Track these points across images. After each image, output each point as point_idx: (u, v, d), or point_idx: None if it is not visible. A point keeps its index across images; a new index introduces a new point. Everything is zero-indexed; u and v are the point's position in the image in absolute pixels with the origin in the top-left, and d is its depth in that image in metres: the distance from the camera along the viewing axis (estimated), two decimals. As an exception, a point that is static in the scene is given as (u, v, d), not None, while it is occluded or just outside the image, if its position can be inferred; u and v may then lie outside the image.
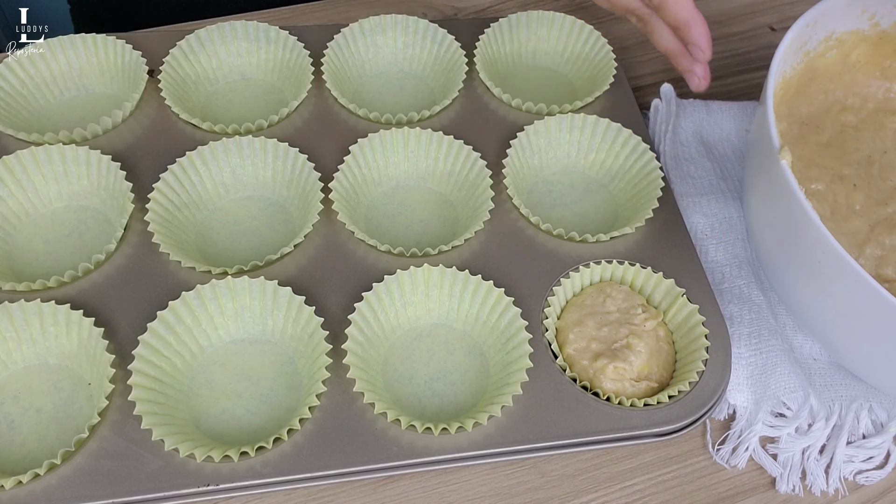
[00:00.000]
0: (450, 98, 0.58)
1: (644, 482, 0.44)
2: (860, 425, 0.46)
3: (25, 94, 0.57)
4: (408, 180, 0.56)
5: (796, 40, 0.50)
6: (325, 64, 0.59)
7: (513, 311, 0.47)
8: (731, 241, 0.53)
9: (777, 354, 0.47)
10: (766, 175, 0.45)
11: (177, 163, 0.52)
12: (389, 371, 0.46)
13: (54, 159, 0.52)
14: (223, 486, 0.41)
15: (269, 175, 0.54)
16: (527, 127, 0.55)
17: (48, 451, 0.42)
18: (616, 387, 0.45)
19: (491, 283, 0.47)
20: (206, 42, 0.60)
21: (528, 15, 0.63)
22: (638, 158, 0.55)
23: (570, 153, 0.57)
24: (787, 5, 0.73)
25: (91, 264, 0.48)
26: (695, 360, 0.46)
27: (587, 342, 0.47)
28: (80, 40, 0.58)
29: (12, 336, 0.44)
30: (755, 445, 0.45)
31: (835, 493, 0.45)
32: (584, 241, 0.51)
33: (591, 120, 0.56)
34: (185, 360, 0.45)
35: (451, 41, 0.61)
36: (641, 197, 0.54)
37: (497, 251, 0.51)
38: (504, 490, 0.43)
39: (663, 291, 0.50)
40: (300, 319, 0.46)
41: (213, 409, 0.44)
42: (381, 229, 0.53)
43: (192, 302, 0.46)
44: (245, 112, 0.59)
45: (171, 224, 0.50)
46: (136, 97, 0.56)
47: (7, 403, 0.44)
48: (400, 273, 0.47)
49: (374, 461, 0.42)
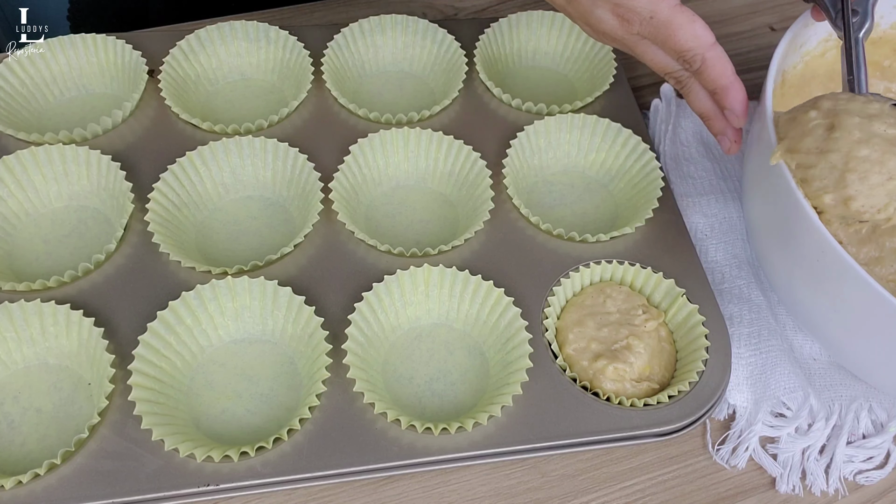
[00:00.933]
0: (450, 98, 0.58)
1: (644, 482, 0.44)
2: (860, 425, 0.46)
3: (25, 94, 0.57)
4: (408, 180, 0.56)
5: (796, 40, 0.50)
6: (325, 64, 0.59)
7: (513, 311, 0.47)
8: (731, 241, 0.53)
9: (777, 354, 0.47)
10: (765, 175, 0.45)
11: (177, 163, 0.52)
12: (389, 371, 0.46)
13: (54, 159, 0.52)
14: (223, 486, 0.41)
15: (269, 175, 0.54)
16: (527, 127, 0.55)
17: (48, 451, 0.42)
18: (616, 387, 0.45)
19: (491, 283, 0.47)
20: (206, 42, 0.60)
21: (528, 15, 0.63)
22: (638, 158, 0.55)
23: (569, 153, 0.57)
24: (787, 5, 0.73)
25: (91, 264, 0.48)
26: (695, 360, 0.46)
27: (587, 342, 0.47)
28: (80, 40, 0.58)
29: (12, 336, 0.44)
30: (755, 445, 0.45)
31: (835, 493, 0.45)
32: (584, 241, 0.51)
33: (591, 120, 0.56)
34: (185, 360, 0.45)
35: (451, 41, 0.61)
36: (641, 197, 0.54)
37: (497, 251, 0.51)
38: (504, 490, 0.43)
39: (663, 291, 0.50)
40: (300, 319, 0.46)
41: (213, 409, 0.44)
42: (381, 229, 0.53)
43: (192, 302, 0.46)
44: (245, 112, 0.59)
45: (171, 224, 0.50)
46: (136, 97, 0.56)
47: (7, 403, 0.44)
48: (400, 273, 0.47)
49: (374, 461, 0.42)
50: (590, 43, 0.63)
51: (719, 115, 0.49)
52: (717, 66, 0.46)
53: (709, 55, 0.45)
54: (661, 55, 0.47)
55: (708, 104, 0.49)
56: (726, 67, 0.46)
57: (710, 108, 0.49)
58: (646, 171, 0.55)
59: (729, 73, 0.46)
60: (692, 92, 0.49)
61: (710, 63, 0.45)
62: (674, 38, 0.44)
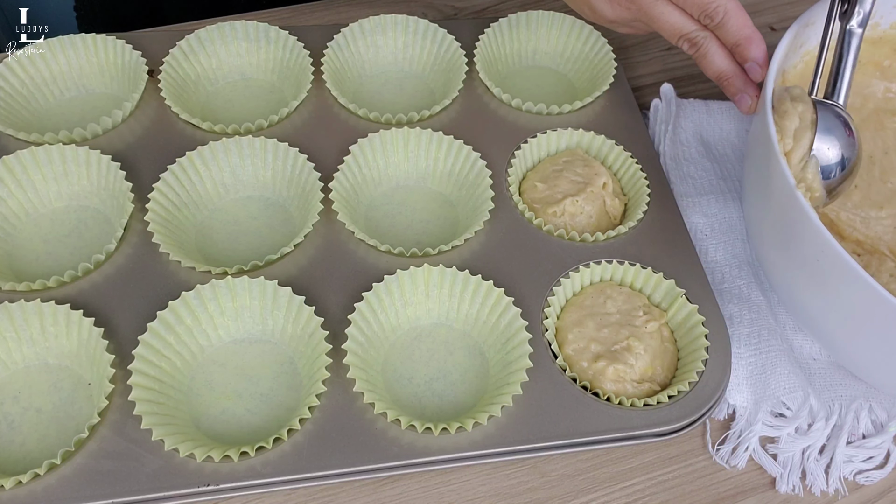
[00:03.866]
0: (450, 98, 0.58)
1: (644, 482, 0.44)
2: (860, 425, 0.46)
3: (25, 94, 0.57)
4: (408, 180, 0.56)
5: (796, 40, 0.50)
6: (325, 64, 0.59)
7: (513, 311, 0.47)
8: (731, 241, 0.53)
9: (777, 354, 0.47)
10: (765, 175, 0.45)
11: (177, 163, 0.52)
12: (389, 371, 0.46)
13: (54, 159, 0.52)
14: (223, 486, 0.41)
15: (269, 175, 0.54)
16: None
17: (48, 451, 0.42)
18: (617, 388, 0.45)
19: (491, 283, 0.47)
20: (206, 42, 0.60)
21: (528, 15, 0.63)
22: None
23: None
24: (787, 5, 0.73)
25: (91, 264, 0.48)
26: (695, 360, 0.46)
27: (586, 342, 0.47)
28: (80, 40, 0.58)
29: (12, 336, 0.44)
30: (755, 445, 0.45)
31: (835, 493, 0.45)
32: (584, 241, 0.51)
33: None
34: (185, 360, 0.45)
35: (451, 41, 0.61)
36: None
37: (497, 251, 0.51)
38: (504, 490, 0.43)
39: (663, 291, 0.50)
40: (300, 319, 0.46)
41: (213, 409, 0.44)
42: (381, 229, 0.53)
43: (192, 302, 0.46)
44: (245, 112, 0.59)
45: (171, 224, 0.50)
46: (136, 97, 0.56)
47: (7, 403, 0.44)
48: (400, 273, 0.47)
49: (374, 461, 0.42)
50: (590, 43, 0.63)
51: (738, 73, 0.48)
52: (739, 17, 0.45)
53: (730, 6, 0.45)
54: (676, 16, 0.46)
55: (726, 63, 0.48)
56: (747, 18, 0.46)
57: (728, 67, 0.48)
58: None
59: (750, 23, 0.46)
60: (709, 53, 0.48)
61: (733, 13, 0.45)
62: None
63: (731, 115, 0.60)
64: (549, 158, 0.57)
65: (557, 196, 0.53)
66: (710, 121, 0.60)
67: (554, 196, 0.53)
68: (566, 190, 0.53)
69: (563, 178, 0.53)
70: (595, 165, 0.54)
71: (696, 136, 0.59)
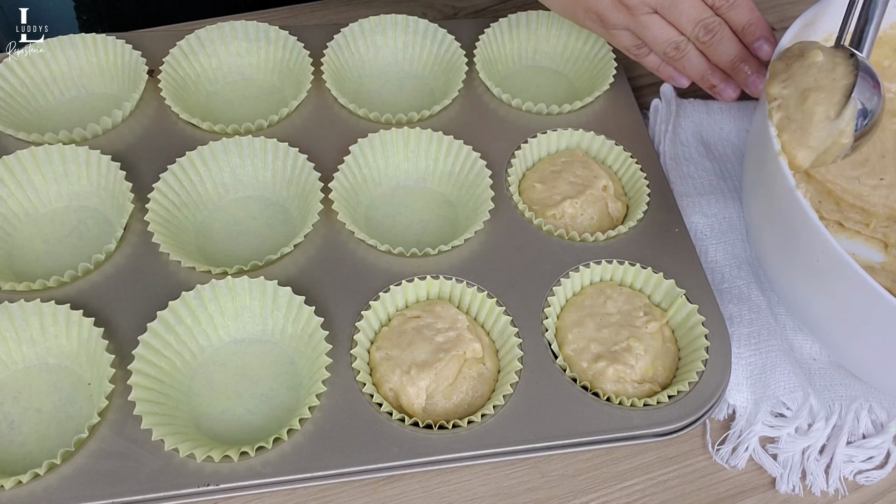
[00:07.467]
0: (450, 98, 0.58)
1: (644, 482, 0.44)
2: (860, 425, 0.46)
3: (25, 94, 0.57)
4: (408, 180, 0.56)
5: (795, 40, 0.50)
6: (325, 64, 0.59)
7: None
8: (730, 241, 0.53)
9: (777, 354, 0.47)
10: (765, 175, 0.45)
11: (177, 163, 0.52)
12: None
13: (54, 159, 0.52)
14: (223, 486, 0.41)
15: (269, 175, 0.54)
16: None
17: (48, 451, 0.42)
18: (617, 388, 0.45)
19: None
20: (206, 42, 0.60)
21: (528, 15, 0.63)
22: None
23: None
24: (787, 5, 0.73)
25: (91, 264, 0.48)
26: (695, 360, 0.46)
27: (586, 343, 0.47)
28: (80, 40, 0.58)
29: (12, 336, 0.44)
30: (755, 445, 0.45)
31: (835, 493, 0.45)
32: (584, 241, 0.52)
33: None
34: (185, 360, 0.45)
35: (451, 41, 0.61)
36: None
37: (497, 251, 0.51)
38: (504, 490, 0.43)
39: (663, 292, 0.50)
40: (300, 319, 0.46)
41: (213, 409, 0.44)
42: (381, 229, 0.53)
43: (192, 302, 0.46)
44: (245, 112, 0.59)
45: (171, 224, 0.50)
46: (136, 97, 0.56)
47: (7, 403, 0.44)
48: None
49: (374, 461, 0.42)
50: (590, 43, 0.63)
51: (748, 57, 0.53)
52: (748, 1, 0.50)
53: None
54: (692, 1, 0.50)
55: (738, 46, 0.52)
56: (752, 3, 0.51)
57: (741, 50, 0.52)
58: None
59: (754, 5, 0.51)
60: (722, 39, 0.52)
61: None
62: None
63: (731, 115, 0.60)
64: (548, 158, 0.57)
65: (556, 198, 0.53)
66: (709, 121, 0.60)
67: (552, 197, 0.53)
68: (565, 191, 0.53)
69: (562, 180, 0.53)
70: (594, 167, 0.54)
71: (695, 136, 0.59)
